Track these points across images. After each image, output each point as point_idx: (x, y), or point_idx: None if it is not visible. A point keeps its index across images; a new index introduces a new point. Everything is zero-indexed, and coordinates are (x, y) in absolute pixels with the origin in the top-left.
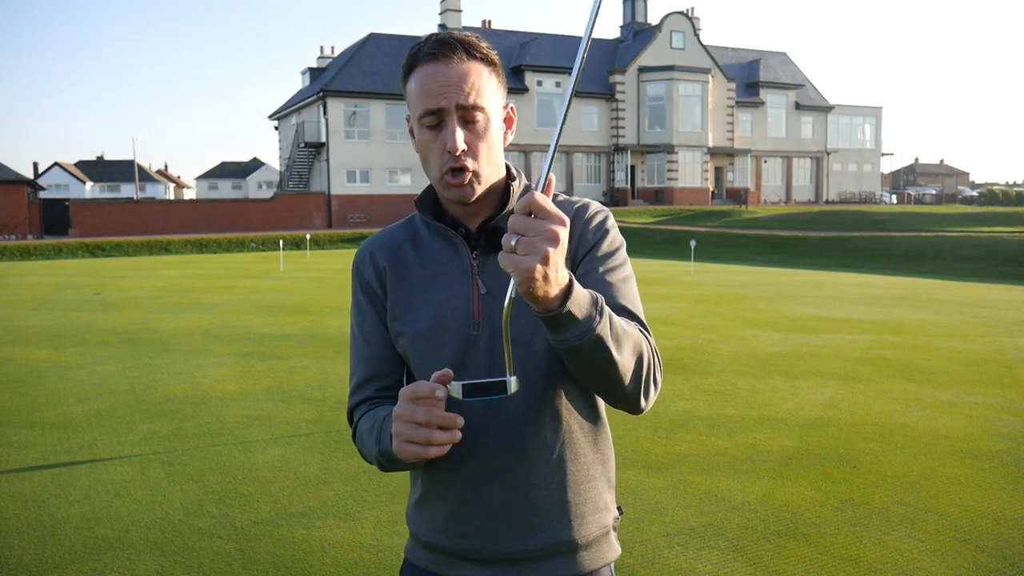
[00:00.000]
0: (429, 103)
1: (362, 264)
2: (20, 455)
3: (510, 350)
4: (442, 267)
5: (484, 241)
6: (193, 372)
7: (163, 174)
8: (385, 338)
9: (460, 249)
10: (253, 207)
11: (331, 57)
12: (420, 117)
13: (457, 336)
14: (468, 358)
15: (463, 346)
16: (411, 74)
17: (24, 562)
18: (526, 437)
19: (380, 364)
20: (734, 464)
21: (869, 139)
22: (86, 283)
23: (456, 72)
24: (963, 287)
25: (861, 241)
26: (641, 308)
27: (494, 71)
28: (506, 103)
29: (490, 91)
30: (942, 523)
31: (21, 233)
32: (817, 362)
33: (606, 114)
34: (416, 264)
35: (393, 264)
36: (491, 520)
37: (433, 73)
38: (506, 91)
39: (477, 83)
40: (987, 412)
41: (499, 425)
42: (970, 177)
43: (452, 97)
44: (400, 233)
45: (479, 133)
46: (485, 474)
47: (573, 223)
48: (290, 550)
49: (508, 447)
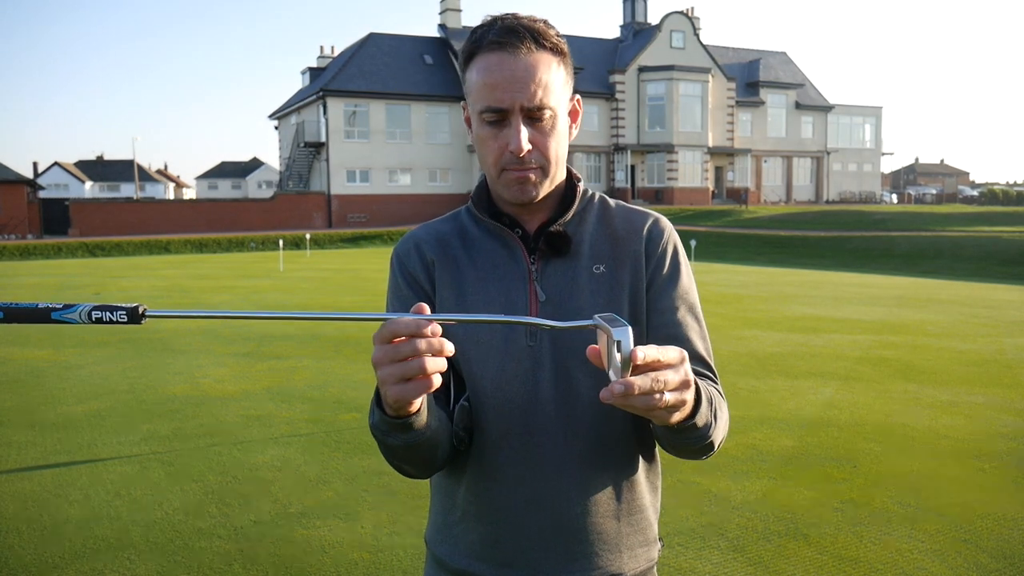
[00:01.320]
0: (492, 100)
1: (406, 256)
2: (20, 455)
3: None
4: (496, 270)
5: (544, 245)
6: (193, 372)
7: (163, 174)
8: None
9: (517, 252)
10: (253, 207)
11: (331, 57)
12: (481, 112)
13: (513, 346)
14: (522, 369)
15: (518, 357)
16: (472, 61)
17: (24, 562)
18: (589, 462)
19: None
20: (734, 464)
21: (869, 139)
22: (86, 283)
23: (523, 65)
24: (963, 287)
25: (861, 241)
26: (711, 350)
27: (563, 61)
28: (572, 94)
29: (558, 85)
30: (942, 523)
31: (21, 233)
32: (817, 362)
33: (606, 114)
34: (467, 263)
35: (442, 259)
36: (539, 548)
37: (498, 65)
38: (573, 81)
39: (545, 78)
40: (987, 412)
41: (561, 446)
42: (970, 177)
43: (518, 97)
44: (446, 228)
45: (545, 131)
46: (540, 498)
47: (648, 240)
48: (290, 550)
49: (568, 471)
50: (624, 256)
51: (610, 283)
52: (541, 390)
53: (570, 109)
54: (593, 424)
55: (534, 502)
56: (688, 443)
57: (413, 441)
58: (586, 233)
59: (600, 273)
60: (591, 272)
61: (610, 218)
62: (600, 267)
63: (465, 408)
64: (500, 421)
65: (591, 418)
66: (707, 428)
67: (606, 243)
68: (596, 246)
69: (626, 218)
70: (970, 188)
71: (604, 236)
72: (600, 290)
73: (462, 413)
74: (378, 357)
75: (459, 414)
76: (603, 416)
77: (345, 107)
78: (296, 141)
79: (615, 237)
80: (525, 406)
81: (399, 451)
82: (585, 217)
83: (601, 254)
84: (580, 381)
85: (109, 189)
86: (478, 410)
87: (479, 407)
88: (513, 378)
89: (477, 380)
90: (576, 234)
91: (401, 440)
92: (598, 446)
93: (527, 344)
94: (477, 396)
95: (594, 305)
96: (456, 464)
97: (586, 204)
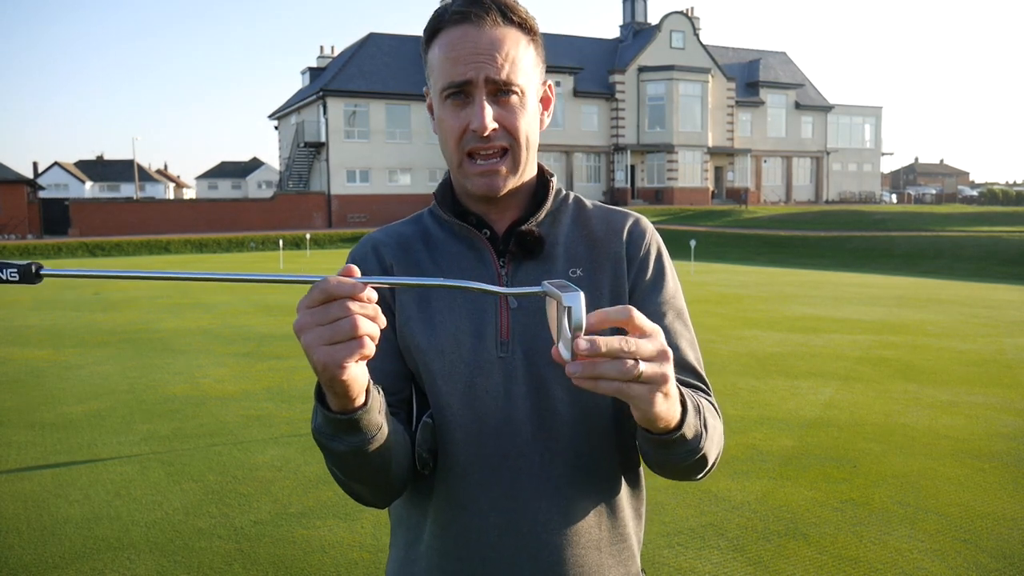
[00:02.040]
0: (454, 74)
1: (362, 260)
2: (20, 455)
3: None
4: (463, 274)
5: (515, 247)
6: (193, 372)
7: (163, 174)
8: (395, 348)
9: (485, 255)
10: (253, 207)
11: (331, 57)
12: (442, 90)
13: (481, 357)
14: (492, 384)
15: (488, 370)
16: (434, 39)
17: (24, 562)
18: (569, 486)
19: (386, 378)
20: (734, 464)
21: (869, 139)
22: (86, 282)
23: (488, 38)
24: (963, 287)
25: (861, 241)
26: (702, 359)
27: (533, 40)
28: (545, 79)
29: (527, 64)
30: (942, 523)
31: (21, 233)
32: (817, 362)
33: (606, 114)
34: (431, 267)
35: (403, 263)
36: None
37: (461, 38)
38: (545, 64)
39: (513, 53)
40: (987, 412)
41: (538, 469)
42: (970, 177)
43: (482, 68)
44: (408, 230)
45: (513, 110)
46: (515, 527)
47: (629, 242)
48: (290, 550)
49: (546, 496)
50: (603, 259)
51: (588, 288)
52: (515, 407)
53: (541, 95)
54: (573, 444)
55: (509, 532)
56: (677, 458)
57: (361, 445)
58: (561, 235)
59: (577, 277)
60: (567, 276)
61: (587, 219)
62: (577, 271)
63: (429, 425)
64: (469, 442)
65: (571, 437)
66: (697, 440)
67: (583, 245)
68: (572, 248)
69: (604, 219)
70: (970, 188)
71: (581, 238)
72: None
73: (425, 431)
74: (303, 321)
75: (422, 433)
76: (584, 435)
77: (345, 107)
78: (296, 141)
79: (593, 239)
80: (497, 425)
81: (347, 461)
82: (559, 217)
83: (578, 257)
84: (558, 396)
85: (109, 189)
86: (444, 430)
87: (445, 427)
88: (483, 394)
89: (443, 396)
90: (550, 235)
91: (348, 444)
92: (579, 469)
93: (498, 356)
94: (443, 414)
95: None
96: (419, 491)
97: (560, 203)
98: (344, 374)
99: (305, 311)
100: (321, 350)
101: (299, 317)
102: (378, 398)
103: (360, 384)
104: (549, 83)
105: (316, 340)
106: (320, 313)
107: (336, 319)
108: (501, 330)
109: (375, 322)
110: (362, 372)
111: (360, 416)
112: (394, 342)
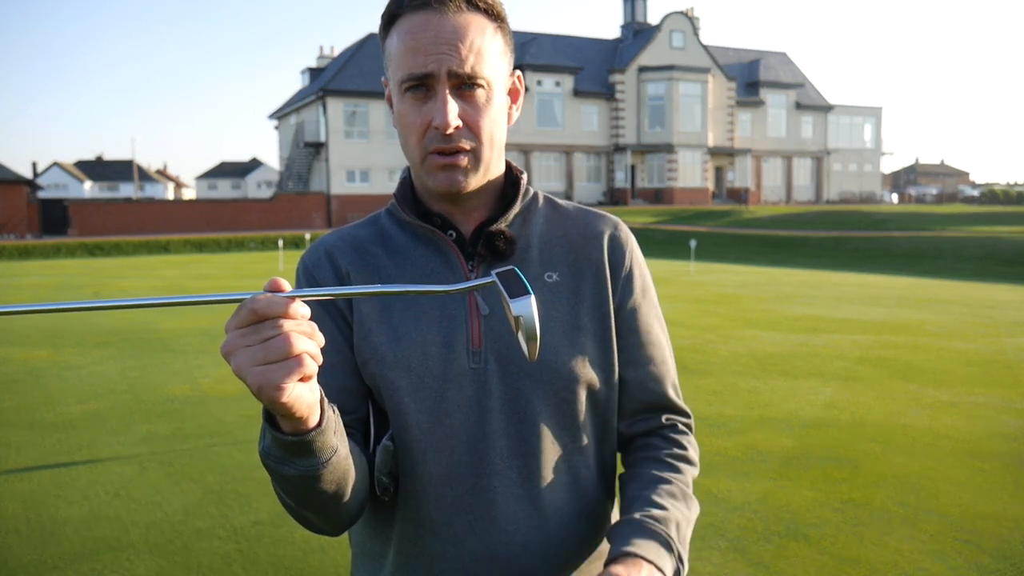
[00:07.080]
0: (413, 66)
1: (316, 267)
2: (19, 455)
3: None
4: (428, 279)
5: (484, 248)
6: (192, 372)
7: (162, 174)
8: (350, 363)
9: (452, 258)
10: (252, 207)
11: (331, 57)
12: (401, 82)
13: (451, 370)
14: (464, 398)
15: (460, 383)
16: (393, 25)
17: (24, 562)
18: (549, 507)
19: (341, 396)
20: (734, 464)
21: (869, 139)
22: (85, 283)
23: (452, 26)
24: (964, 287)
25: (861, 241)
26: (675, 370)
27: (500, 28)
28: (513, 69)
29: (493, 54)
30: (943, 523)
31: (20, 233)
32: (817, 362)
33: (606, 114)
34: (392, 273)
35: (360, 269)
36: None
37: (422, 25)
38: (514, 54)
39: (478, 42)
40: (988, 412)
41: (516, 488)
42: (970, 177)
43: (444, 60)
44: (364, 232)
45: (478, 106)
46: (492, 553)
47: (612, 250)
48: (290, 550)
49: (525, 518)
50: (582, 264)
51: (567, 294)
52: (490, 422)
53: (510, 87)
54: (552, 459)
55: (485, 559)
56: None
57: (314, 469)
58: (534, 236)
59: (554, 282)
60: (543, 281)
61: (561, 219)
62: (553, 275)
63: (389, 449)
64: (441, 462)
65: (550, 454)
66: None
67: (559, 248)
68: (547, 251)
69: (581, 220)
70: (970, 188)
71: (555, 239)
72: (557, 301)
73: (385, 455)
74: (232, 343)
75: (381, 456)
76: (564, 451)
77: (345, 107)
78: (296, 141)
79: (569, 241)
80: (472, 442)
81: (298, 486)
82: (530, 217)
83: (554, 260)
84: (536, 409)
85: (108, 189)
86: (411, 450)
87: (412, 446)
88: (455, 409)
89: (410, 414)
90: (521, 236)
91: (299, 468)
92: (560, 488)
93: (470, 367)
94: (409, 433)
95: (551, 320)
96: (380, 519)
97: (530, 202)
98: (283, 395)
99: (234, 332)
100: (254, 372)
101: (227, 339)
102: (333, 417)
103: (307, 404)
104: (518, 73)
105: (248, 361)
106: (250, 334)
107: (267, 338)
108: (472, 339)
109: (312, 339)
110: (308, 391)
111: (314, 438)
112: (350, 357)
